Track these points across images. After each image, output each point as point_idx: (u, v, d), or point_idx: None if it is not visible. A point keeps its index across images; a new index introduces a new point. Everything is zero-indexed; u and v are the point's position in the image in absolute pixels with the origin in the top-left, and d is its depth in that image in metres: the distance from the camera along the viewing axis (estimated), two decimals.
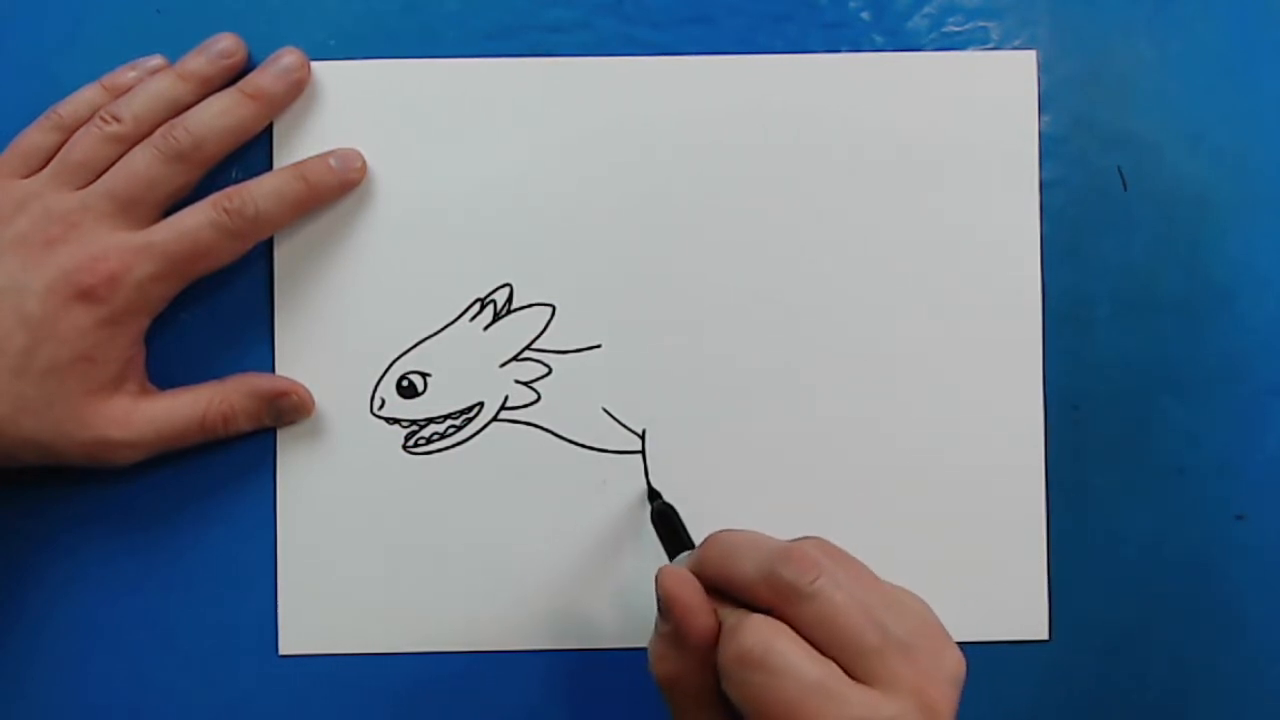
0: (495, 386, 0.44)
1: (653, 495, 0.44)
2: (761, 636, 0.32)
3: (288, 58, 0.43)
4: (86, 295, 0.40)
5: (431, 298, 0.44)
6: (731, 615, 0.34)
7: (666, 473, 0.44)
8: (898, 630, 0.33)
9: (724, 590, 0.35)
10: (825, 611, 0.33)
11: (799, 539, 0.36)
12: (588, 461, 0.44)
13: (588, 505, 0.44)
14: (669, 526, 0.41)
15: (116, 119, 0.42)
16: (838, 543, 0.41)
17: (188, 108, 0.42)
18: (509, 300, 0.44)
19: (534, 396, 0.44)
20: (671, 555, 0.40)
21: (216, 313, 0.44)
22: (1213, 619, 0.44)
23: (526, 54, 0.45)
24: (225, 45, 0.43)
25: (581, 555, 0.44)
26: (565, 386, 0.44)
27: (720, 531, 0.36)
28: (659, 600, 0.35)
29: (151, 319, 0.42)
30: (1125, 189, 0.45)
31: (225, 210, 0.41)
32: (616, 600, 0.44)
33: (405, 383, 0.44)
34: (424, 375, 0.44)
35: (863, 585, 0.34)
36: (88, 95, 0.43)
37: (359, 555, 0.44)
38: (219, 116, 0.42)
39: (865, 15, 0.45)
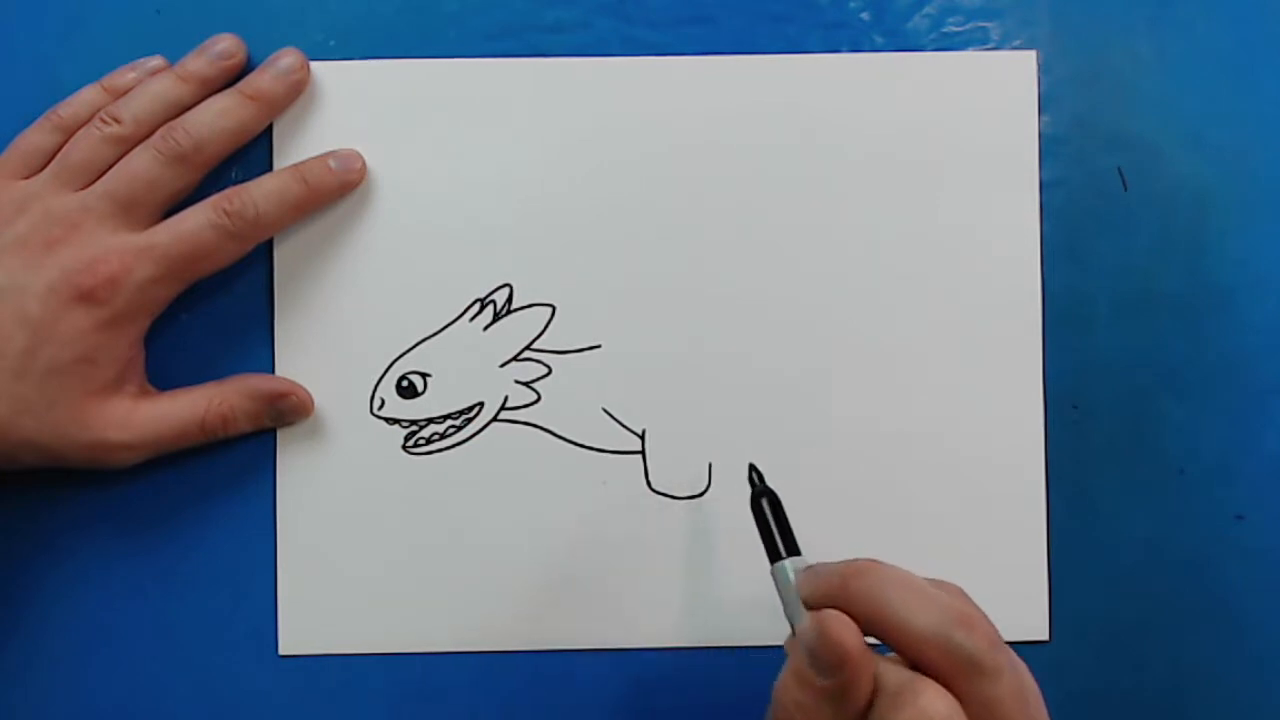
0: (495, 386, 0.44)
1: (759, 480, 0.40)
2: (943, 709, 0.30)
3: (287, 58, 0.43)
4: (87, 297, 0.40)
5: (431, 298, 0.44)
6: (892, 673, 0.31)
7: (666, 473, 0.44)
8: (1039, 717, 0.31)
9: (873, 631, 0.32)
10: (997, 694, 0.31)
11: (956, 596, 0.33)
12: (588, 461, 0.44)
13: (588, 505, 0.44)
14: (779, 522, 0.37)
15: (116, 120, 0.42)
16: (838, 542, 0.41)
17: (188, 109, 0.42)
18: (509, 300, 0.44)
19: (534, 396, 0.44)
20: (772, 555, 0.37)
21: (216, 313, 0.44)
22: (1213, 619, 0.44)
23: (526, 54, 0.45)
24: (225, 46, 0.43)
25: (581, 556, 0.44)
26: (565, 386, 0.44)
27: (870, 562, 0.34)
28: (816, 649, 0.31)
29: (152, 320, 0.42)
30: (1125, 189, 0.45)
31: (225, 212, 0.41)
32: (616, 600, 0.44)
33: (405, 383, 0.44)
34: (424, 375, 0.44)
35: (1019, 666, 0.32)
36: (87, 96, 0.43)
37: (359, 555, 0.44)
38: (219, 118, 0.42)
39: (865, 15, 0.45)
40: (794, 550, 0.37)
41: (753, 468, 0.40)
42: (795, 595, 0.35)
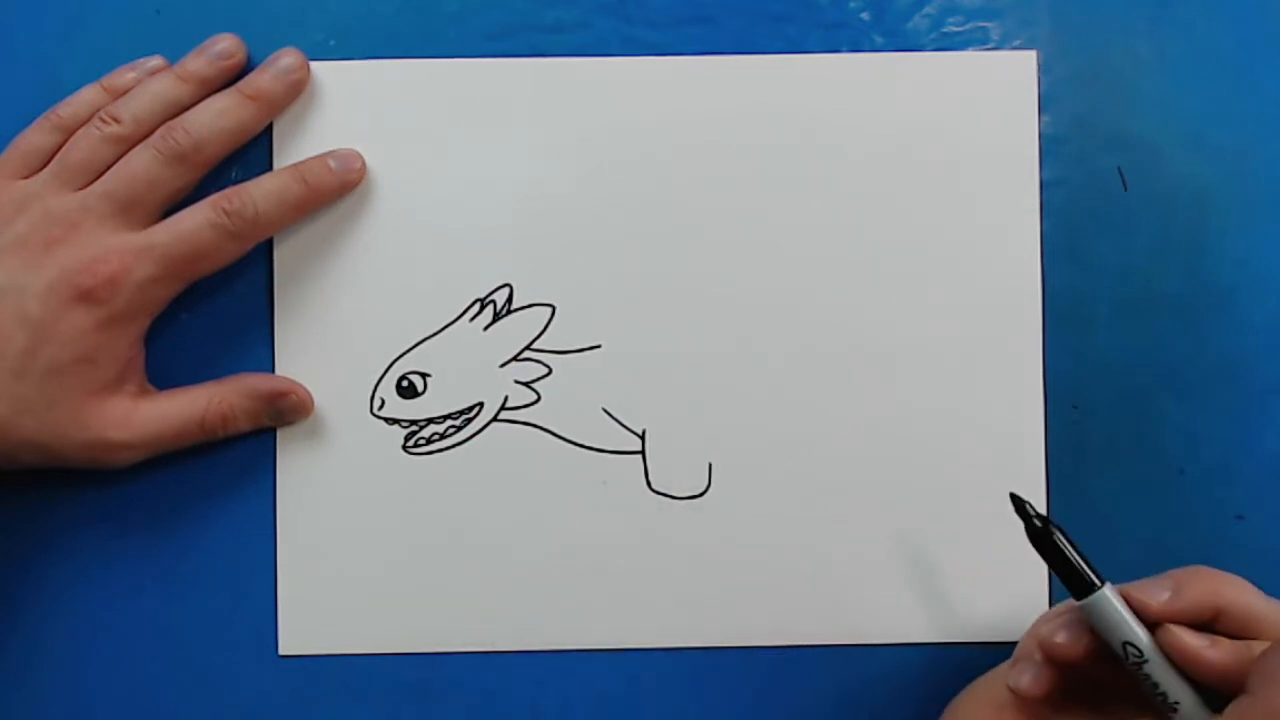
0: (495, 387, 0.44)
1: (1033, 510, 0.38)
2: None
3: (287, 58, 0.43)
4: (86, 297, 0.40)
5: (431, 298, 0.44)
6: None
7: (666, 473, 0.44)
8: None
9: (1242, 629, 0.36)
10: None
11: None
12: (588, 461, 0.44)
13: (588, 505, 0.44)
14: (1076, 556, 0.37)
15: (116, 120, 0.42)
16: (839, 541, 0.41)
17: (187, 109, 0.42)
18: (509, 300, 0.44)
19: (534, 397, 0.44)
20: (1084, 585, 0.37)
21: (216, 313, 0.44)
22: None
23: (526, 54, 0.45)
24: (225, 46, 0.43)
25: (581, 556, 0.44)
26: (565, 386, 0.44)
27: (1209, 569, 0.37)
28: None
29: (151, 320, 0.42)
30: (1125, 189, 0.45)
31: (225, 211, 0.41)
32: (616, 600, 0.44)
33: (405, 383, 0.44)
34: (424, 375, 0.44)
35: None
36: (87, 96, 0.43)
37: (359, 555, 0.44)
38: (218, 117, 0.42)
39: (865, 15, 0.45)
40: (1100, 579, 0.37)
41: (1015, 497, 0.38)
42: (1129, 616, 0.36)
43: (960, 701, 0.40)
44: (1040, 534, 0.38)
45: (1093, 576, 0.37)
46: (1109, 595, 0.36)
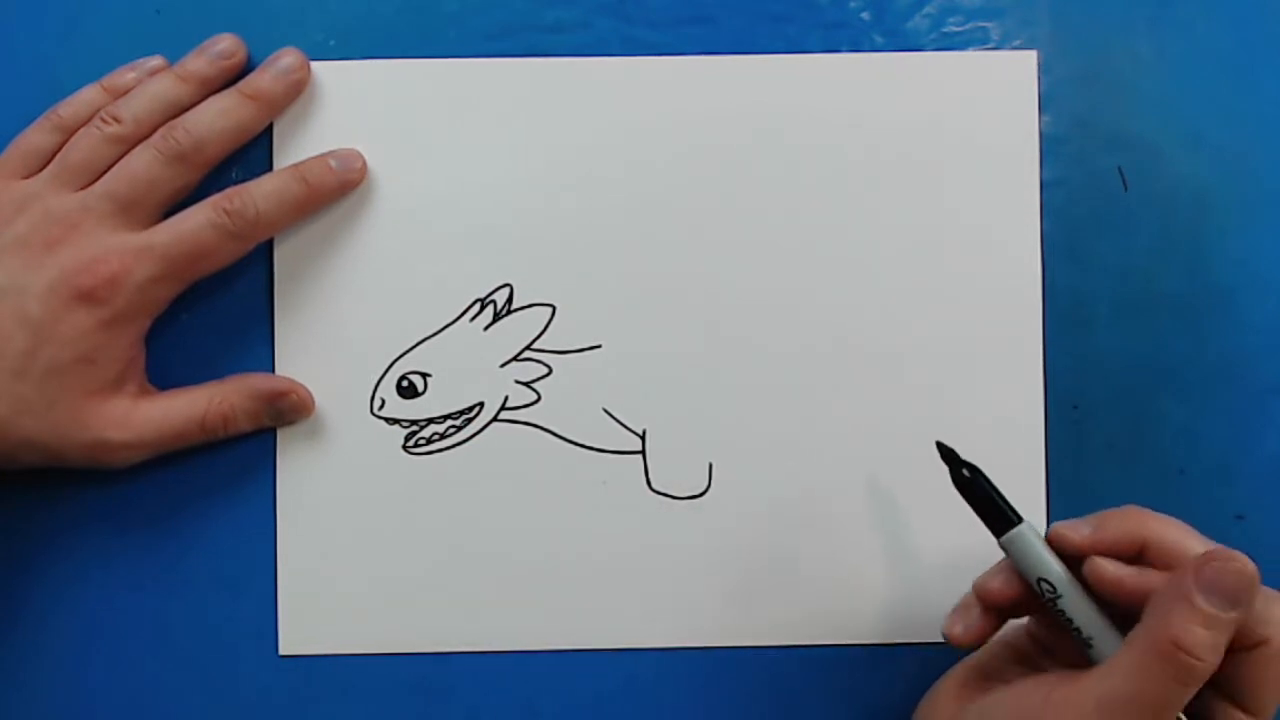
0: (495, 386, 0.44)
1: (955, 455, 0.40)
2: None
3: (287, 58, 0.43)
4: (87, 297, 0.40)
5: (431, 298, 0.44)
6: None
7: (666, 473, 0.44)
8: None
9: (1162, 559, 0.36)
10: None
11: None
12: (588, 461, 0.44)
13: (588, 505, 0.44)
14: (999, 498, 0.39)
15: (116, 120, 0.42)
16: (839, 541, 0.40)
17: (188, 109, 0.42)
18: (509, 300, 0.44)
19: (534, 397, 0.44)
20: (1003, 523, 0.38)
21: (216, 313, 0.44)
22: None
23: (526, 54, 0.45)
24: (225, 46, 0.43)
25: (581, 556, 0.44)
26: (565, 386, 0.44)
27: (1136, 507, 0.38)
28: (1236, 587, 0.34)
29: (152, 320, 0.42)
30: (1125, 189, 0.45)
31: (225, 211, 0.41)
32: (616, 600, 0.44)
33: (405, 383, 0.44)
34: (424, 375, 0.44)
35: None
36: (87, 96, 0.43)
37: (359, 555, 0.44)
38: (219, 117, 0.42)
39: (865, 15, 0.45)
40: (1015, 518, 0.38)
41: (942, 446, 0.40)
42: (1046, 552, 0.38)
43: (934, 688, 0.40)
44: (966, 481, 0.39)
45: (1012, 516, 0.38)
46: (1026, 532, 0.38)
